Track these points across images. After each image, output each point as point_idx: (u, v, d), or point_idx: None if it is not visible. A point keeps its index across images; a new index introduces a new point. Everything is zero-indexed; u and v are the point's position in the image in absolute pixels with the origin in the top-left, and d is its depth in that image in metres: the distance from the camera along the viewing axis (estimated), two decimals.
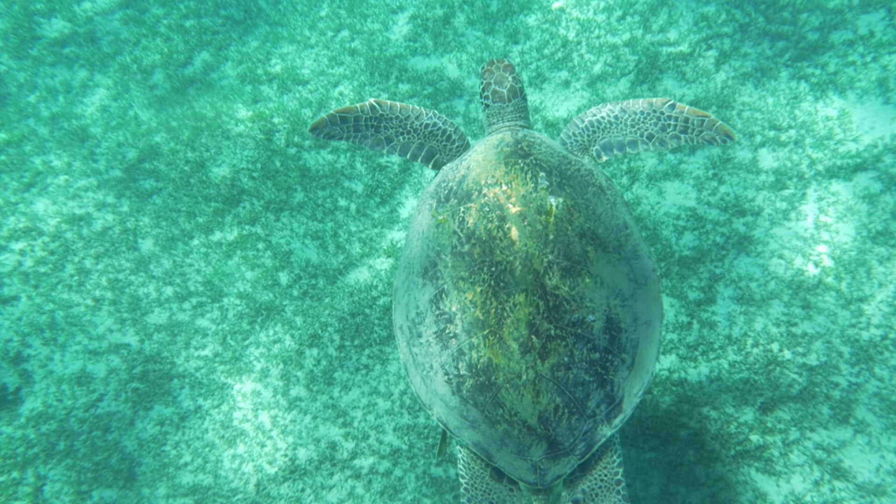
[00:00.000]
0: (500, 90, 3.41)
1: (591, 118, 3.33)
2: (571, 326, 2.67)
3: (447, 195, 3.00)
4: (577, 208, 2.84)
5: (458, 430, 2.82)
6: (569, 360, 2.65)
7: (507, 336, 2.65)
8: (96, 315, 5.47)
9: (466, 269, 2.77)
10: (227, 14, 6.92)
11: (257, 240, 5.67)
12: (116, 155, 6.19)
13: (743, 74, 5.68)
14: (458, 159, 3.27)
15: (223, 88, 6.44)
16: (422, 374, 2.89)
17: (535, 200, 2.82)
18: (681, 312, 4.91)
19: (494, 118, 3.45)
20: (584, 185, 2.97)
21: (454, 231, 2.87)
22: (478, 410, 2.73)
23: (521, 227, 2.76)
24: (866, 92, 5.35)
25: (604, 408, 2.73)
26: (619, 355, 2.75)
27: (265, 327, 5.34)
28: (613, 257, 2.83)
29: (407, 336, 2.97)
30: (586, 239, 2.80)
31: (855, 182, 5.05)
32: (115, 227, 5.83)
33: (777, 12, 5.84)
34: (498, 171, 2.93)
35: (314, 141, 6.05)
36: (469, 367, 2.72)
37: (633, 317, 2.80)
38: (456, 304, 2.76)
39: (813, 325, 4.62)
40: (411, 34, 6.59)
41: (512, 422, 2.68)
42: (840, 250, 4.84)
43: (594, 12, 6.33)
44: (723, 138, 3.26)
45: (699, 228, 5.17)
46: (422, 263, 2.95)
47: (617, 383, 2.74)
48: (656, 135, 3.35)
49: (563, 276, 2.70)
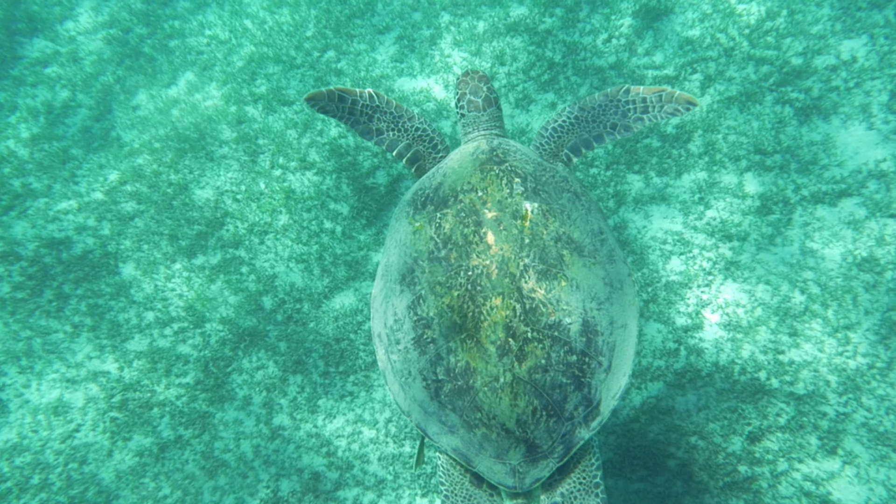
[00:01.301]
0: (475, 100, 3.47)
1: (553, 124, 3.39)
2: (548, 329, 2.68)
3: (424, 202, 3.03)
4: (553, 213, 2.87)
5: (436, 436, 2.82)
6: (546, 363, 2.65)
7: (485, 339, 2.65)
8: (75, 342, 5.35)
9: (443, 273, 2.78)
10: (212, 34, 6.87)
11: (241, 263, 5.59)
12: (98, 177, 6.10)
13: (728, 98, 5.70)
14: (434, 168, 3.31)
15: (207, 109, 6.37)
16: (400, 381, 2.89)
17: (510, 205, 2.85)
18: (668, 339, 4.88)
19: (470, 127, 3.50)
20: (559, 191, 3.00)
21: (431, 237, 2.89)
22: (456, 415, 2.73)
23: (497, 232, 2.79)
24: (850, 117, 5.38)
25: (581, 410, 2.73)
26: (596, 358, 2.75)
27: (248, 353, 5.25)
28: (589, 261, 2.85)
29: (385, 343, 2.98)
30: (562, 243, 2.83)
31: (840, 208, 5.06)
32: (95, 251, 5.72)
33: (761, 37, 5.87)
34: (474, 177, 2.96)
35: (299, 162, 6.00)
36: (447, 371, 2.73)
37: (610, 320, 2.82)
38: (433, 309, 2.76)
39: (800, 353, 4.61)
40: (398, 55, 6.56)
41: (490, 425, 2.68)
42: (826, 277, 4.84)
43: (580, 35, 6.34)
44: (685, 107, 3.28)
45: (686, 253, 5.16)
46: (399, 270, 2.97)
47: (594, 386, 2.75)
48: (619, 122, 3.37)
49: (539, 279, 2.72)
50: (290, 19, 6.89)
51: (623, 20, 6.29)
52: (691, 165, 5.49)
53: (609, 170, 5.60)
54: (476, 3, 6.73)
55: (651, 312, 5.00)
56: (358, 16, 6.86)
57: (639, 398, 4.73)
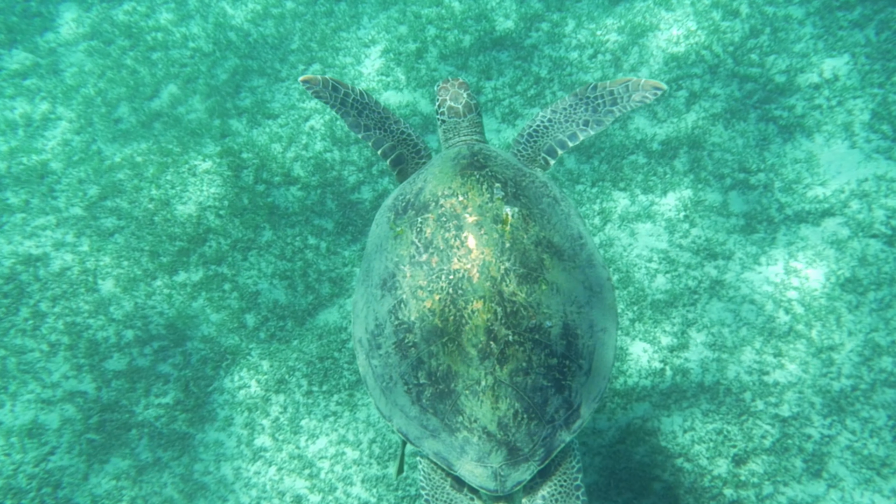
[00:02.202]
0: (455, 106, 3.49)
1: (528, 129, 3.44)
2: (529, 332, 2.69)
3: (405, 207, 3.03)
4: (533, 217, 2.89)
5: (418, 441, 2.82)
6: (527, 366, 2.66)
7: (466, 343, 2.66)
8: (51, 361, 5.25)
9: (425, 277, 2.78)
10: (196, 46, 6.80)
11: (223, 280, 5.51)
12: (77, 192, 6.00)
13: (713, 115, 5.71)
14: (415, 174, 3.33)
15: (191, 122, 6.30)
16: (381, 385, 2.89)
17: (491, 210, 2.86)
18: (654, 358, 4.86)
19: (450, 133, 3.53)
20: (539, 196, 3.03)
21: (412, 241, 2.89)
22: (437, 419, 2.73)
23: (478, 236, 2.79)
24: (832, 136, 5.40)
25: (562, 413, 2.74)
26: (577, 361, 2.77)
27: (230, 372, 5.18)
28: (569, 265, 2.88)
29: (366, 349, 2.97)
30: (542, 247, 2.84)
31: (823, 227, 5.08)
32: (73, 268, 5.62)
33: (745, 54, 5.90)
34: (454, 182, 2.97)
35: (283, 177, 5.94)
36: (428, 375, 2.73)
37: (590, 324, 2.84)
38: (415, 313, 2.77)
39: (785, 374, 4.60)
40: (384, 68, 6.53)
41: (472, 429, 2.68)
42: (810, 297, 4.84)
43: (566, 50, 6.33)
44: (653, 93, 3.32)
45: (671, 271, 5.15)
46: (380, 275, 2.97)
47: (575, 389, 2.76)
48: (591, 118, 3.41)
49: (519, 282, 2.73)
50: (274, 32, 6.84)
51: (609, 36, 6.29)
52: (676, 183, 5.49)
53: (595, 186, 5.59)
54: (462, 17, 6.72)
55: (637, 331, 4.98)
56: (343, 29, 6.83)
57: (624, 419, 4.70)
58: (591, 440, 4.69)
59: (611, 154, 5.68)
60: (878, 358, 4.55)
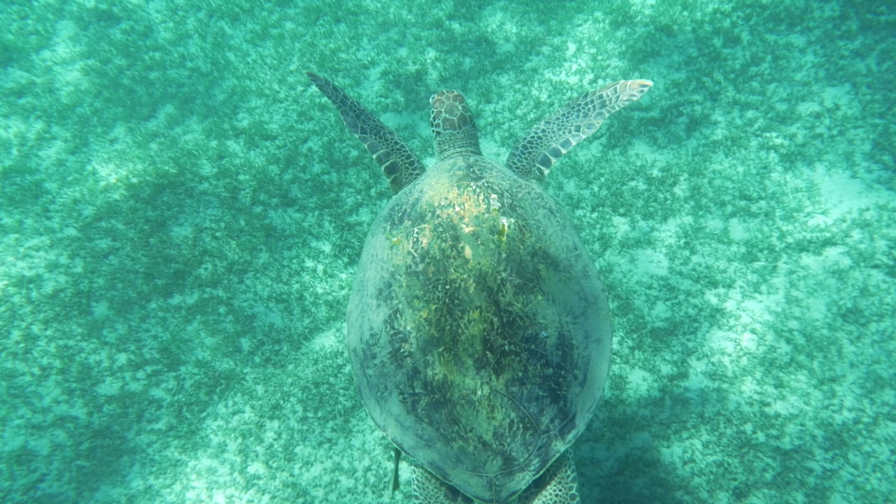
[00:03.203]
0: (450, 118, 3.55)
1: (523, 141, 3.56)
2: (525, 342, 2.71)
3: (401, 217, 3.06)
4: (529, 228, 2.91)
5: (413, 450, 2.82)
6: (523, 376, 2.68)
7: (462, 352, 2.68)
8: (42, 385, 5.15)
9: (421, 287, 2.80)
10: (194, 66, 6.77)
11: (219, 303, 5.44)
12: (72, 212, 5.93)
13: (714, 142, 5.69)
14: (411, 184, 3.36)
15: (188, 143, 6.25)
16: (376, 395, 2.90)
17: (487, 221, 2.88)
18: (653, 387, 4.81)
19: (446, 145, 3.58)
20: (535, 207, 3.05)
21: (408, 251, 2.92)
22: (433, 428, 2.74)
23: (474, 246, 2.82)
24: (834, 165, 5.39)
25: (557, 423, 2.76)
26: (572, 371, 2.79)
27: (224, 398, 5.09)
28: (564, 276, 2.90)
29: (361, 358, 2.98)
30: (538, 258, 2.87)
31: (825, 257, 5.05)
32: (67, 290, 5.54)
33: (746, 82, 5.90)
34: (451, 193, 2.99)
35: (280, 199, 5.89)
36: (424, 384, 2.74)
37: (585, 334, 2.87)
38: (411, 323, 2.78)
39: (786, 406, 4.55)
40: (383, 90, 6.51)
41: (467, 438, 2.69)
42: (811, 327, 4.80)
43: (566, 74, 6.33)
44: (640, 90, 3.46)
45: (672, 299, 5.11)
46: (376, 285, 2.98)
47: (570, 399, 2.78)
48: (582, 123, 3.54)
49: (516, 293, 2.75)
50: (273, 52, 6.82)
51: (610, 61, 6.29)
52: (677, 209, 5.46)
53: (595, 212, 5.56)
54: (462, 40, 6.71)
55: (636, 359, 4.93)
56: (343, 50, 6.81)
57: (623, 449, 4.64)
58: (588, 471, 4.62)
59: (611, 179, 5.65)
60: (881, 391, 4.51)
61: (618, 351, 4.97)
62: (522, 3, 6.87)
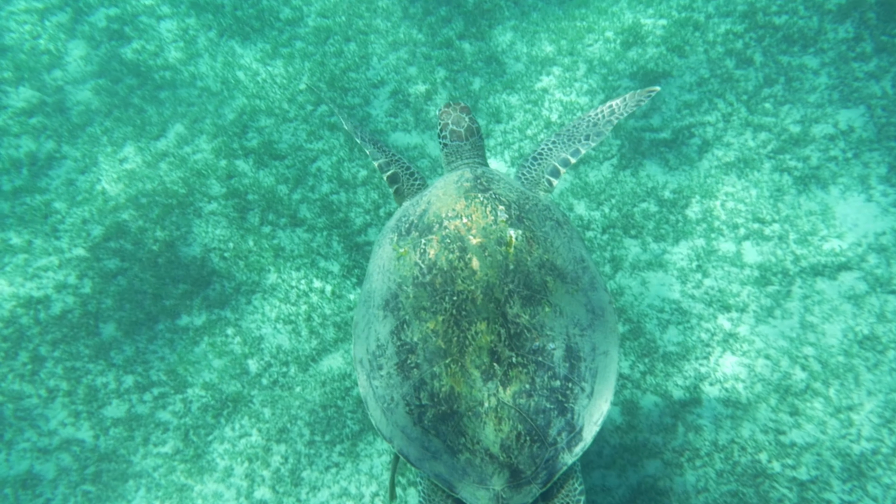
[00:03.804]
0: (457, 129, 3.59)
1: (533, 153, 3.65)
2: (532, 354, 2.70)
3: (408, 228, 3.06)
4: (536, 240, 2.92)
5: (419, 462, 2.80)
6: (530, 388, 2.66)
7: (469, 364, 2.67)
8: (49, 408, 5.12)
9: (428, 298, 2.80)
10: (204, 85, 6.78)
11: (227, 325, 5.41)
12: (81, 232, 5.93)
13: (726, 164, 5.64)
14: (418, 195, 3.37)
15: (197, 163, 6.25)
16: (382, 406, 2.88)
17: (495, 232, 2.89)
18: (665, 413, 4.73)
19: (453, 156, 3.63)
20: (542, 219, 3.07)
21: (416, 262, 2.91)
22: (440, 440, 2.72)
23: (482, 258, 2.82)
24: (848, 188, 5.32)
25: (565, 436, 2.74)
26: (579, 383, 2.78)
27: (231, 421, 5.05)
28: (571, 288, 2.90)
29: (367, 369, 2.98)
30: (545, 269, 2.87)
31: (840, 281, 4.97)
32: (75, 311, 5.53)
33: (759, 103, 5.85)
34: (458, 204, 3.00)
35: (289, 219, 5.87)
36: (431, 396, 2.72)
37: (592, 346, 2.85)
38: (417, 334, 2.78)
39: (802, 435, 4.46)
40: (392, 109, 6.50)
41: (474, 451, 2.67)
42: (827, 353, 4.72)
43: (577, 94, 6.30)
44: (647, 96, 3.64)
45: (684, 323, 5.04)
46: (382, 296, 2.98)
47: (577, 411, 2.76)
48: (591, 132, 3.63)
49: (523, 304, 2.75)
50: (283, 71, 6.83)
51: (620, 81, 6.26)
52: (689, 232, 5.41)
53: (605, 233, 5.51)
54: (472, 59, 6.70)
55: (648, 385, 4.86)
56: (353, 69, 6.81)
57: (635, 477, 4.56)
58: (600, 498, 4.54)
59: (622, 201, 5.60)
60: None
61: (629, 375, 4.90)
62: (533, 22, 6.86)
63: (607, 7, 6.81)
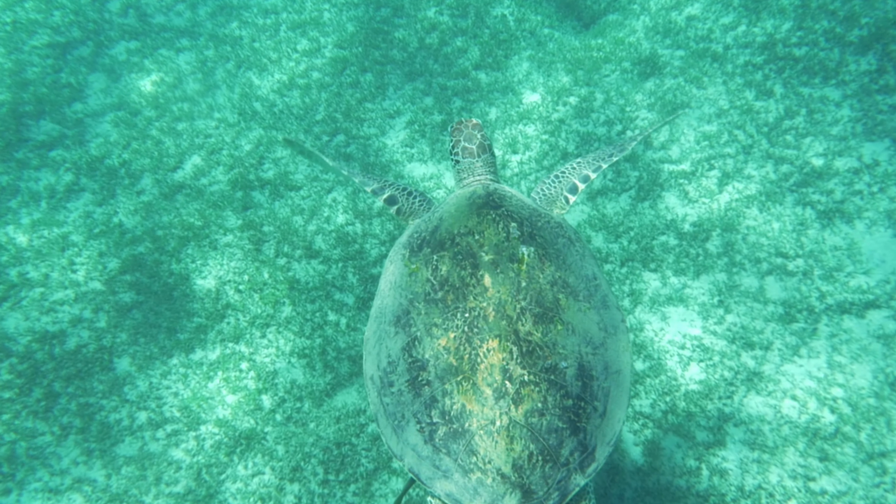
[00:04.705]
0: (469, 146, 3.61)
1: (556, 171, 3.70)
2: (545, 372, 2.68)
3: (420, 245, 3.06)
4: (548, 257, 2.92)
5: (429, 481, 2.73)
6: (542, 407, 2.64)
7: (481, 382, 2.65)
8: (62, 445, 5.08)
9: (440, 315, 2.80)
10: (221, 116, 6.81)
11: (241, 359, 5.36)
12: (97, 265, 5.93)
13: (747, 197, 5.54)
14: (430, 212, 3.37)
15: (213, 195, 6.25)
16: (393, 424, 2.86)
17: (507, 249, 2.90)
18: (688, 455, 4.59)
19: (465, 173, 3.64)
20: (555, 237, 3.07)
21: (427, 279, 2.91)
22: (451, 459, 2.67)
23: (494, 275, 2.82)
24: (875, 223, 5.20)
25: (577, 456, 2.70)
26: (592, 403, 2.75)
27: (244, 458, 4.97)
28: (584, 306, 2.89)
29: (378, 386, 2.95)
30: (557, 287, 2.86)
31: (868, 320, 4.83)
32: (90, 345, 5.51)
33: (780, 135, 5.76)
34: (471, 220, 3.01)
35: (304, 251, 5.84)
36: (442, 414, 2.70)
37: (604, 365, 2.83)
38: (429, 351, 2.76)
39: (833, 482, 4.31)
40: (408, 139, 6.48)
41: (486, 470, 2.62)
42: (857, 395, 4.57)
43: (594, 125, 6.24)
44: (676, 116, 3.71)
45: (706, 360, 4.92)
46: (394, 312, 2.97)
47: (590, 431, 2.73)
48: (615, 150, 3.66)
49: (535, 322, 2.74)
50: (300, 102, 6.85)
51: (638, 112, 6.20)
52: (710, 266, 5.30)
53: (624, 266, 5.41)
54: (488, 90, 6.68)
55: (670, 424, 4.73)
56: (369, 99, 6.82)
57: None
58: None
59: (640, 234, 5.51)
60: None
61: (650, 414, 4.78)
62: (549, 52, 6.84)
63: (624, 37, 6.78)
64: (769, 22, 6.51)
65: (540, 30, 7.06)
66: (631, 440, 4.70)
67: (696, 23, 6.74)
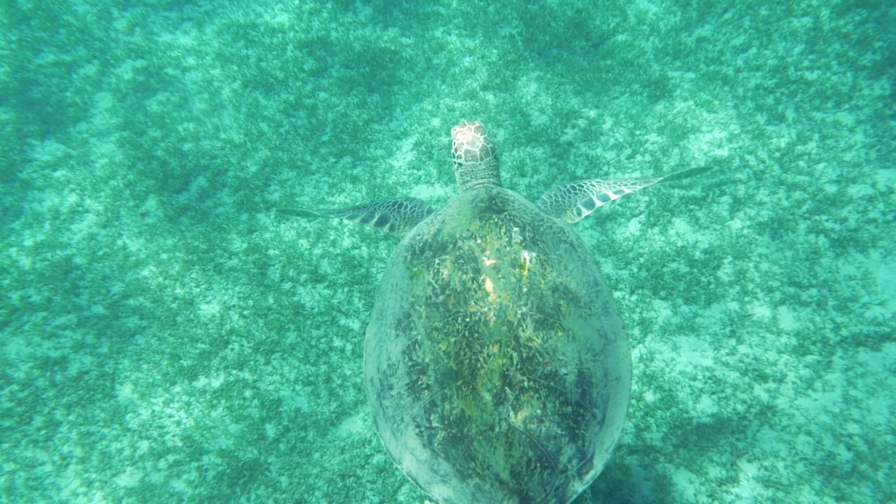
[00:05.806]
0: (472, 149, 3.58)
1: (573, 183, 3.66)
2: (544, 379, 2.67)
3: (422, 248, 3.05)
4: (550, 263, 2.92)
5: (427, 486, 2.73)
6: (542, 413, 2.64)
7: (481, 387, 2.64)
8: (61, 476, 5.00)
9: (440, 319, 2.79)
10: (227, 137, 6.76)
11: (244, 387, 5.28)
12: (100, 289, 5.86)
13: (759, 224, 5.45)
14: (432, 215, 3.35)
15: (218, 217, 6.19)
16: (392, 427, 2.86)
17: (509, 254, 2.89)
18: (700, 491, 4.50)
19: (468, 176, 3.62)
20: (557, 242, 3.06)
21: (429, 282, 2.91)
22: (449, 464, 2.68)
23: (495, 279, 2.81)
24: (890, 252, 5.11)
25: (575, 463, 2.70)
26: (591, 410, 2.75)
27: (247, 490, 4.89)
28: (585, 312, 2.88)
29: (377, 389, 2.95)
30: (559, 293, 2.85)
31: (884, 353, 4.73)
32: (92, 372, 5.43)
33: (792, 161, 5.67)
34: (473, 224, 3.00)
35: (310, 275, 5.77)
36: (441, 418, 2.69)
37: (604, 372, 2.83)
38: (429, 355, 2.76)
39: None
40: (415, 161, 6.41)
41: (484, 476, 2.62)
42: (874, 432, 4.47)
43: (603, 149, 6.17)
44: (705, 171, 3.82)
45: (718, 392, 4.82)
46: (395, 315, 2.97)
47: (588, 438, 2.73)
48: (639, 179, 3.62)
49: (536, 328, 2.73)
50: (306, 123, 6.79)
51: (648, 136, 6.13)
52: (721, 294, 5.21)
53: (634, 294, 5.33)
54: (497, 111, 6.62)
55: (681, 459, 4.63)
56: (375, 120, 6.76)
57: None
58: None
59: (650, 260, 5.43)
60: None
61: (661, 448, 4.68)
62: (558, 74, 6.77)
63: (633, 59, 6.72)
64: (781, 44, 6.44)
65: (548, 50, 7.01)
66: (642, 475, 4.61)
67: (707, 45, 6.68)
